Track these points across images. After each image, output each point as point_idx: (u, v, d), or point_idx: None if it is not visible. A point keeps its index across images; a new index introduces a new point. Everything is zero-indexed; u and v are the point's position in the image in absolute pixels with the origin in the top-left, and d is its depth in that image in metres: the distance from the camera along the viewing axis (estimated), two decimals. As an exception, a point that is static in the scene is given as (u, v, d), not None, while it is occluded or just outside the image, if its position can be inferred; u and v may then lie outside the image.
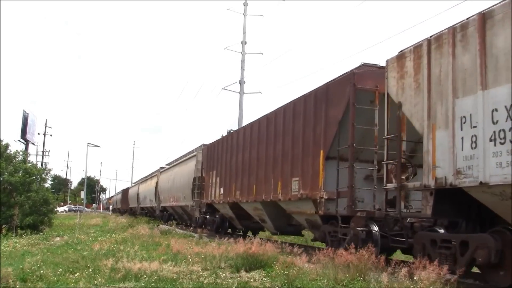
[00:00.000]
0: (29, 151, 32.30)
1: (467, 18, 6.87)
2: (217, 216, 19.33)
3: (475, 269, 10.50)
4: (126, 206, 57.52)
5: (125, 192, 64.24)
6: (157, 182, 34.59)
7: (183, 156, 30.56)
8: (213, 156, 19.59)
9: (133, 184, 64.46)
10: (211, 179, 19.47)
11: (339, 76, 10.56)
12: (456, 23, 7.05)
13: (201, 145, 24.44)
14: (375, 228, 9.14)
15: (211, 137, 24.74)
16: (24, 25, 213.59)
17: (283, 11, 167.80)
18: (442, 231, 7.54)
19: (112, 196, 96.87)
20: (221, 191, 17.71)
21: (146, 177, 48.47)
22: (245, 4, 32.29)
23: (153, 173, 42.16)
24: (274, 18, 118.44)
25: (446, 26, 7.38)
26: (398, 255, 10.63)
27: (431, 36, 7.62)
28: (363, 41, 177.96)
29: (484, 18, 6.46)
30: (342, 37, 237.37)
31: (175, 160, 32.67)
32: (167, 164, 37.13)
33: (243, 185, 15.49)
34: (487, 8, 6.51)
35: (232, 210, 17.15)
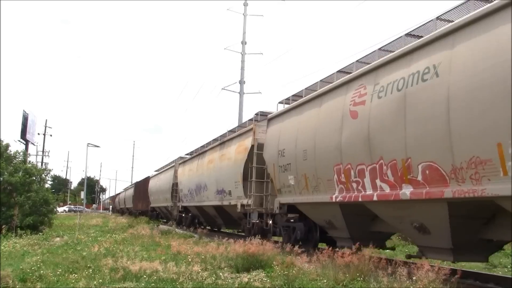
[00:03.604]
0: (29, 151, 32.19)
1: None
2: None
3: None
4: (144, 205, 38.00)
5: (141, 185, 41.85)
6: (252, 145, 15.22)
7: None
8: None
9: (157, 172, 36.71)
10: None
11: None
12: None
13: None
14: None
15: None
16: (24, 25, 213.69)
17: (283, 11, 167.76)
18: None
19: (118, 194, 75.35)
20: None
21: (196, 150, 24.24)
22: (245, 4, 32.31)
23: (225, 135, 19.74)
24: (274, 18, 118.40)
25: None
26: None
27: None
28: (363, 41, 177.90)
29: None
30: (342, 37, 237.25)
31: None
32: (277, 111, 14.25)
33: None
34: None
35: None
